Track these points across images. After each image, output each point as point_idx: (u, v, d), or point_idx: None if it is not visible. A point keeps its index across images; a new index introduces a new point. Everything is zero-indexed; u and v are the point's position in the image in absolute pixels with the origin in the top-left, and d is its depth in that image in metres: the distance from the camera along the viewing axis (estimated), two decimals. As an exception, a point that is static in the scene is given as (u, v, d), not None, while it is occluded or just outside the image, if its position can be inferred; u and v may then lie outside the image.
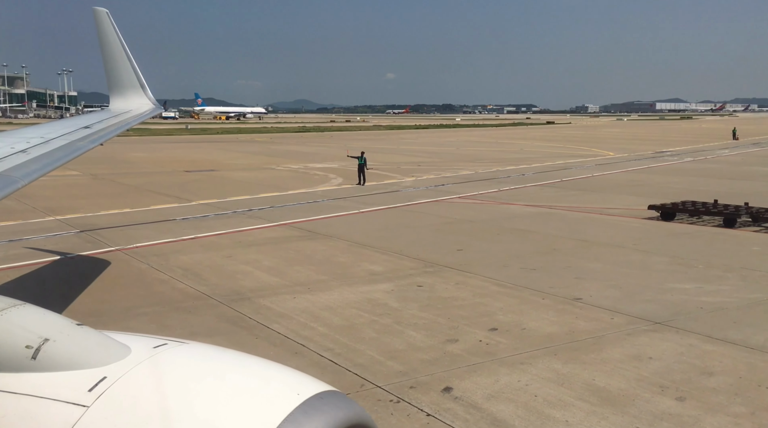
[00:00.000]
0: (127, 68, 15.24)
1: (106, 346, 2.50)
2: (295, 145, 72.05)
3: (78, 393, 2.28)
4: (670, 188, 32.56)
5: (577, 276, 15.24)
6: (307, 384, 2.41)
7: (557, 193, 31.23)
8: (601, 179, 37.71)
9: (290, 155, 56.16)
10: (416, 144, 76.24)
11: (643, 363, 10.00)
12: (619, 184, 34.71)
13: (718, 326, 11.71)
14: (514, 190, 32.26)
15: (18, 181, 6.59)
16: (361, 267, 15.88)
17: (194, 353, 2.60)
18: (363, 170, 34.72)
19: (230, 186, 33.03)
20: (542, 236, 20.10)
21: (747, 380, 9.37)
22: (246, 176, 38.67)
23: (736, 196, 27.46)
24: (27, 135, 8.81)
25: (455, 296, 13.51)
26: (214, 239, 19.06)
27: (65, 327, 2.55)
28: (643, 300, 13.31)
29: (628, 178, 38.12)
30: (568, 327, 11.66)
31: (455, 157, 55.58)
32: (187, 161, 48.82)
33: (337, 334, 11.14)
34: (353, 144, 73.38)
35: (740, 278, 15.08)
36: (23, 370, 2.37)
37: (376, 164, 47.01)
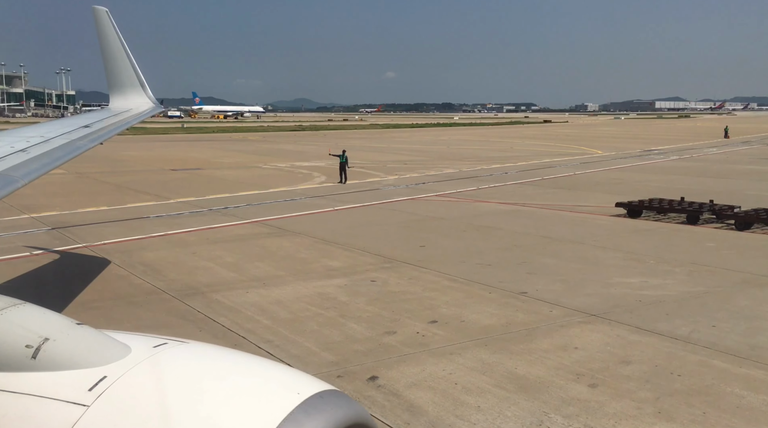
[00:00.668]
0: (126, 67, 15.30)
1: (106, 345, 2.51)
2: (287, 144, 72.46)
3: (78, 393, 2.28)
4: (647, 185, 32.97)
5: (529, 271, 15.66)
6: (308, 384, 2.42)
7: (534, 191, 31.65)
8: (582, 177, 38.12)
9: (279, 154, 56.58)
10: (408, 143, 76.64)
11: (567, 353, 10.43)
12: (598, 182, 35.11)
13: (650, 318, 12.14)
14: (492, 188, 32.67)
15: (18, 180, 6.61)
16: (321, 263, 16.31)
17: (194, 352, 2.61)
18: (344, 169, 35.14)
19: (212, 184, 33.46)
20: (507, 233, 20.52)
21: (662, 368, 9.81)
22: (231, 175, 39.10)
23: (709, 193, 27.92)
24: (27, 134, 8.85)
25: (405, 291, 13.94)
26: (183, 236, 19.50)
27: (65, 326, 2.56)
28: (585, 294, 13.74)
29: (609, 176, 38.53)
30: (506, 320, 12.08)
31: (444, 155, 55.98)
32: (176, 160, 49.24)
33: (280, 326, 11.58)
34: (345, 143, 73.76)
35: (687, 273, 15.50)
36: (23, 369, 2.38)
37: (364, 162, 47.51)
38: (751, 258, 16.88)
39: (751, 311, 12.47)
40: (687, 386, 9.19)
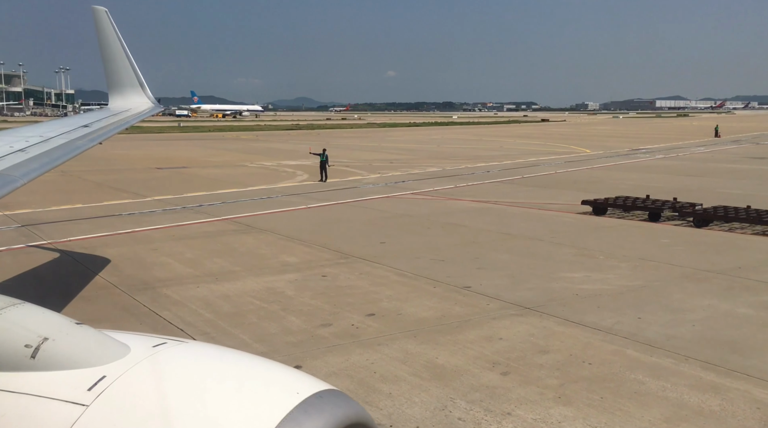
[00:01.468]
0: (126, 67, 15.36)
1: (105, 345, 2.52)
2: (278, 142, 72.87)
3: (77, 392, 2.29)
4: (624, 184, 33.40)
5: (479, 267, 16.11)
6: (307, 383, 2.43)
7: (511, 189, 32.08)
8: (562, 175, 38.53)
9: (268, 153, 57.02)
10: (400, 142, 77.03)
11: (491, 343, 10.89)
12: (576, 180, 35.51)
13: (580, 310, 12.60)
14: (470, 186, 33.09)
15: (17, 180, 6.60)
16: (279, 259, 16.78)
17: (194, 352, 2.62)
18: (325, 167, 35.59)
19: (193, 183, 33.93)
20: (469, 230, 20.97)
21: (575, 357, 10.27)
22: (214, 173, 39.56)
23: (682, 191, 28.45)
24: (26, 134, 8.86)
25: (353, 285, 14.40)
26: (149, 233, 19.97)
27: (64, 325, 2.57)
28: (527, 288, 14.19)
29: (589, 175, 38.93)
30: (442, 313, 12.54)
31: (432, 154, 56.38)
32: (164, 159, 49.70)
33: (220, 320, 12.04)
34: (337, 142, 74.37)
35: (632, 267, 15.95)
36: (22, 369, 2.38)
37: (351, 161, 47.98)
38: (698, 254, 17.33)
39: (680, 304, 12.92)
40: (594, 373, 9.65)
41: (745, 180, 34.67)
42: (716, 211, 21.38)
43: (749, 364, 9.94)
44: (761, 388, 9.10)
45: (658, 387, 9.15)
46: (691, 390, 9.07)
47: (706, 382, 9.33)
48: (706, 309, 12.64)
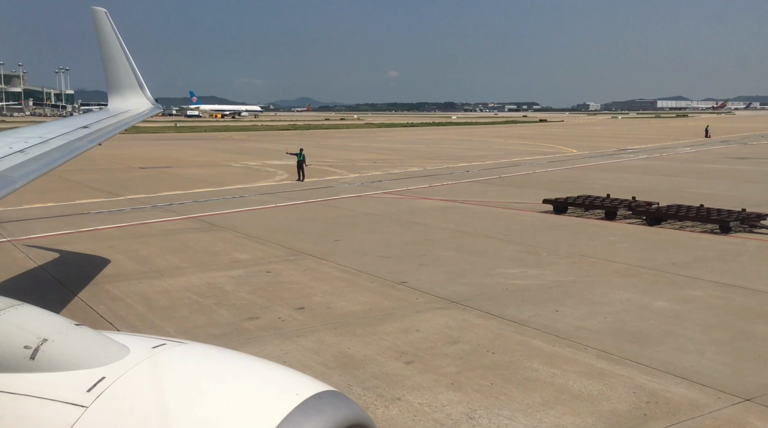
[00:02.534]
0: (125, 68, 15.45)
1: (104, 346, 2.52)
2: (268, 143, 73.37)
3: (77, 394, 2.29)
4: (597, 183, 33.87)
5: (422, 263, 16.61)
6: (307, 384, 2.43)
7: (483, 188, 32.56)
8: (540, 175, 38.98)
9: (256, 153, 57.54)
10: (391, 142, 77.51)
11: (406, 335, 11.40)
12: (551, 180, 35.95)
13: (504, 304, 13.10)
14: (444, 186, 33.58)
15: (16, 181, 6.60)
16: (229, 256, 17.30)
17: (193, 353, 2.62)
18: (302, 167, 36.10)
19: (171, 182, 34.48)
20: (427, 228, 21.46)
21: (482, 347, 10.78)
22: (196, 173, 40.10)
23: (652, 190, 29.07)
24: (25, 135, 8.88)
25: (293, 281, 14.91)
26: (111, 231, 20.51)
27: (64, 327, 2.57)
28: (461, 283, 14.68)
29: (566, 175, 39.36)
30: (370, 307, 13.05)
31: (418, 154, 56.86)
32: (150, 158, 50.26)
33: (152, 313, 12.56)
34: (328, 142, 74.97)
35: (569, 264, 16.44)
36: (22, 370, 2.39)
37: (336, 161, 48.54)
38: (638, 251, 17.81)
39: (600, 298, 13.42)
40: (494, 362, 10.16)
41: (717, 180, 35.10)
42: (668, 210, 21.84)
43: (643, 353, 10.44)
44: (644, 374, 9.60)
45: (548, 374, 9.65)
46: (578, 376, 9.56)
47: (596, 369, 9.82)
48: (624, 303, 13.13)
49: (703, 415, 8.33)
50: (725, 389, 9.08)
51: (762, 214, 20.74)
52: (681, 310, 12.62)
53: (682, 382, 9.35)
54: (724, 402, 8.69)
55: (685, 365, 9.98)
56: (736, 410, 8.47)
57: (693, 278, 14.94)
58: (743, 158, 50.52)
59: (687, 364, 10.01)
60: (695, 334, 11.30)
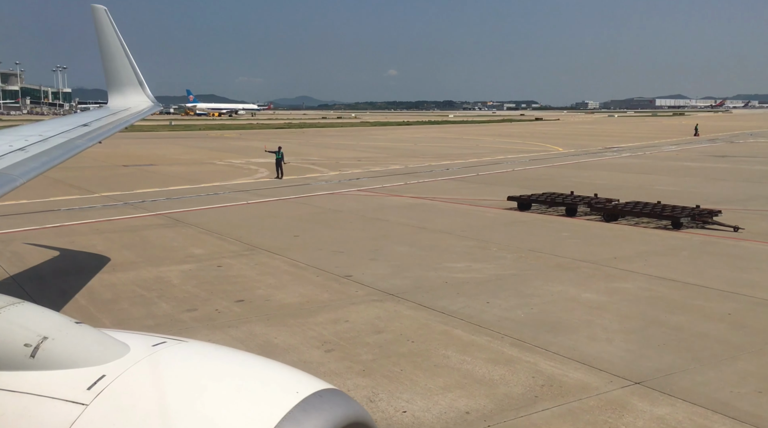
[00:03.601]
0: (125, 66, 15.48)
1: (104, 344, 2.52)
2: (258, 141, 73.58)
3: (77, 392, 2.30)
4: (571, 181, 34.32)
5: (372, 258, 17.07)
6: (307, 383, 2.43)
7: (457, 186, 33.01)
8: (518, 173, 39.43)
9: (242, 151, 57.97)
10: (381, 140, 77.91)
11: (334, 325, 11.86)
12: (527, 178, 36.37)
13: (438, 296, 13.55)
14: (419, 183, 34.03)
15: (16, 179, 6.62)
16: (185, 251, 17.76)
17: (193, 351, 2.63)
18: (281, 165, 36.55)
19: (150, 179, 34.95)
20: (388, 224, 21.92)
21: (404, 336, 11.25)
22: (177, 170, 40.56)
23: (623, 188, 29.59)
24: (25, 133, 8.88)
25: (241, 275, 15.37)
26: (76, 227, 20.98)
27: (64, 325, 2.57)
28: (403, 277, 15.15)
29: (544, 172, 39.79)
30: (308, 299, 13.50)
31: (405, 152, 57.30)
32: (135, 156, 50.72)
33: (93, 306, 13.01)
34: (319, 140, 75.45)
35: (515, 258, 16.90)
36: (22, 368, 2.39)
37: (320, 159, 49.04)
38: (586, 246, 18.29)
39: (534, 291, 13.88)
40: (411, 350, 10.62)
41: (689, 178, 35.57)
42: (625, 206, 22.30)
43: (555, 341, 10.91)
44: (549, 361, 10.07)
45: (458, 361, 10.12)
46: (486, 363, 10.04)
47: (505, 356, 10.30)
48: (554, 295, 13.59)
49: (590, 397, 8.80)
50: (620, 373, 9.55)
51: (714, 210, 21.17)
52: (605, 301, 13.08)
53: (582, 367, 9.81)
54: (614, 386, 9.16)
55: (591, 352, 10.44)
56: (622, 392, 8.94)
57: (629, 271, 15.40)
58: (723, 156, 50.94)
59: (593, 351, 10.47)
60: (611, 324, 11.76)
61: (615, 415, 8.30)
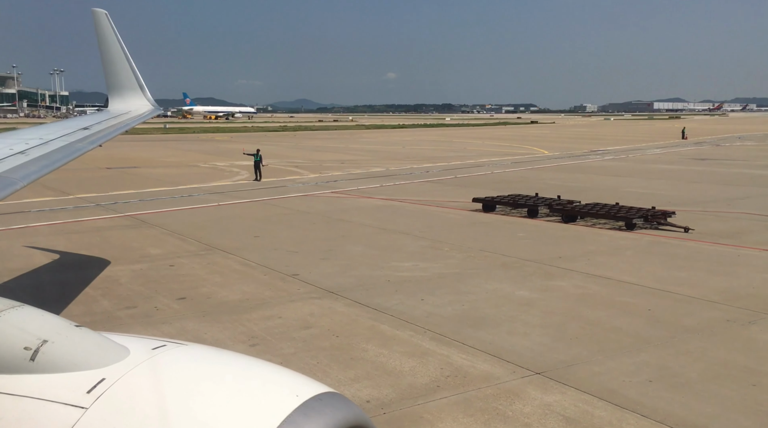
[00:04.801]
0: (126, 70, 15.59)
1: (104, 348, 2.52)
2: (249, 144, 74.07)
3: (77, 395, 2.30)
4: (546, 183, 34.77)
5: (324, 258, 17.49)
6: (306, 386, 2.44)
7: (431, 188, 33.44)
8: (495, 175, 39.85)
9: (229, 153, 58.38)
10: (371, 143, 78.36)
11: (266, 321, 12.27)
12: (503, 180, 36.78)
13: (377, 294, 13.96)
14: (395, 185, 34.44)
15: (17, 182, 6.65)
16: (143, 251, 18.17)
17: (193, 354, 2.63)
18: (259, 167, 36.99)
19: (129, 181, 35.39)
20: (350, 225, 22.34)
21: (330, 331, 11.66)
22: (159, 173, 40.99)
23: (594, 190, 30.15)
24: (26, 136, 8.88)
25: (191, 274, 15.78)
26: (41, 228, 21.40)
27: (64, 328, 2.58)
28: (348, 276, 15.56)
29: (522, 175, 40.21)
30: (249, 296, 13.91)
31: (390, 155, 57.71)
32: (121, 159, 51.10)
33: (36, 303, 13.37)
34: (308, 143, 75.96)
35: (464, 258, 17.32)
36: (22, 372, 2.39)
37: (305, 161, 49.48)
38: (536, 246, 18.71)
39: (470, 288, 14.30)
40: (333, 344, 11.04)
41: (662, 180, 35.99)
42: (583, 208, 22.73)
43: (475, 335, 11.32)
44: (462, 353, 10.49)
45: (375, 354, 10.53)
46: (401, 356, 10.45)
47: (422, 350, 10.71)
48: (489, 292, 14.01)
49: (489, 386, 9.22)
50: (525, 365, 9.97)
51: (668, 212, 21.61)
52: (536, 298, 13.50)
53: (491, 360, 10.23)
54: (516, 376, 9.58)
55: (505, 345, 10.86)
56: (521, 382, 9.37)
57: (569, 270, 15.82)
58: (703, 159, 51.38)
59: (507, 344, 10.89)
60: (533, 319, 12.18)
61: (506, 402, 8.71)
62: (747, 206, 25.76)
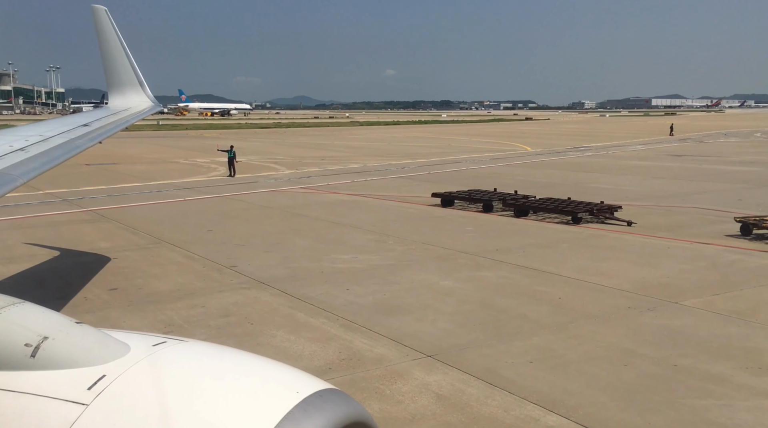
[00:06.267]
0: (125, 66, 15.60)
1: (105, 344, 2.52)
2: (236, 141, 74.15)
3: (77, 392, 2.31)
4: (515, 178, 35.26)
5: (268, 250, 17.94)
6: (307, 383, 2.43)
7: (400, 184, 33.87)
8: (468, 171, 40.31)
9: (212, 150, 58.64)
10: (358, 140, 78.73)
11: (189, 310, 12.72)
12: (475, 176, 37.21)
13: (306, 284, 14.39)
14: (366, 181, 34.90)
15: (17, 179, 6.64)
16: (93, 245, 18.63)
17: (193, 351, 2.64)
18: (233, 163, 37.44)
19: (104, 177, 35.87)
20: (306, 220, 22.79)
21: (246, 319, 12.12)
22: (136, 169, 41.45)
23: (558, 185, 30.68)
24: (26, 133, 8.90)
25: (132, 266, 16.23)
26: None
27: (64, 325, 2.58)
28: (284, 267, 16.01)
29: (494, 171, 40.63)
30: (180, 287, 14.36)
31: (372, 151, 58.11)
32: (103, 155, 51.38)
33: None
34: (296, 140, 76.38)
35: (405, 250, 17.77)
36: (22, 368, 2.40)
37: (284, 158, 49.97)
38: (480, 239, 19.17)
39: (399, 279, 14.75)
40: (245, 331, 11.51)
41: (628, 176, 36.43)
42: (533, 203, 23.22)
43: (384, 322, 11.79)
44: (365, 339, 10.97)
45: (282, 340, 11.00)
46: (307, 341, 10.91)
47: (328, 335, 11.18)
48: (414, 282, 14.47)
49: (378, 368, 9.69)
50: (420, 349, 10.44)
51: (614, 206, 22.07)
52: (457, 288, 13.96)
53: (390, 344, 10.70)
54: (407, 359, 10.05)
55: (409, 331, 11.33)
56: (410, 364, 9.84)
57: (500, 261, 16.28)
58: (680, 155, 51.83)
59: (411, 330, 11.36)
60: (446, 307, 12.65)
61: (388, 383, 9.18)
62: (700, 201, 26.23)
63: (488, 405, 8.45)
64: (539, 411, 8.24)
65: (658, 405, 8.34)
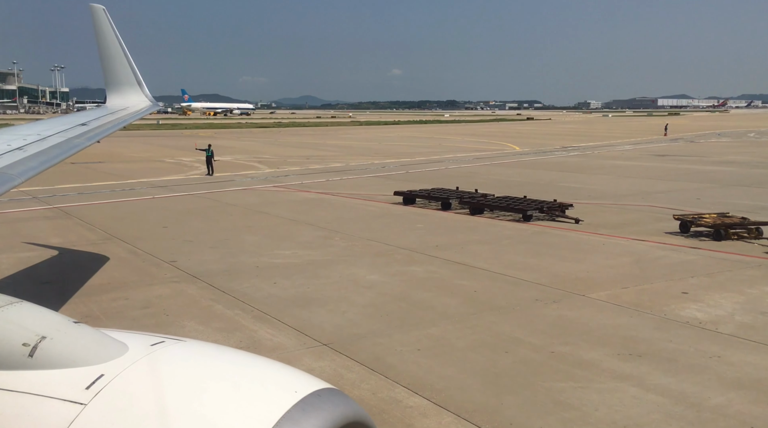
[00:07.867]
0: (124, 65, 15.64)
1: (103, 344, 2.53)
2: (229, 140, 74.98)
3: (75, 391, 2.31)
4: (489, 177, 35.59)
5: (214, 246, 18.32)
6: (305, 382, 2.45)
7: (373, 182, 34.21)
8: (447, 171, 40.62)
9: (200, 150, 59.25)
10: (351, 139, 79.09)
11: (112, 302, 13.09)
12: (452, 175, 37.48)
13: (238, 278, 14.75)
14: (341, 180, 35.27)
15: (15, 178, 6.65)
16: (45, 240, 19.05)
17: (192, 350, 2.64)
18: (211, 162, 37.88)
19: (83, 176, 36.31)
20: (266, 217, 23.17)
21: (164, 310, 12.50)
22: (120, 167, 41.94)
23: (530, 184, 30.99)
24: (24, 133, 8.90)
25: (74, 261, 16.68)
26: (-41, 219, 22.36)
27: (62, 324, 2.59)
28: (223, 263, 16.37)
29: (473, 170, 40.90)
30: (114, 281, 14.72)
31: (360, 151, 58.45)
32: (91, 154, 51.42)
33: None
34: (293, 139, 76.87)
35: (346, 247, 18.12)
36: (20, 368, 2.40)
37: (269, 157, 50.38)
38: (427, 236, 19.47)
39: (328, 273, 15.09)
40: (157, 322, 11.89)
41: (602, 176, 36.67)
42: (487, 201, 23.55)
43: (296, 314, 12.14)
44: (271, 329, 11.32)
45: (190, 330, 11.36)
46: (214, 331, 11.29)
47: (236, 325, 11.55)
48: (342, 276, 14.82)
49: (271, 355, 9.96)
50: (319, 338, 10.80)
51: (565, 204, 22.38)
52: (381, 282, 14.30)
53: (293, 333, 11.07)
54: (304, 347, 10.42)
55: (315, 322, 11.69)
56: (304, 352, 10.21)
57: (434, 256, 16.61)
58: (663, 155, 51.99)
59: (318, 321, 11.72)
60: (362, 300, 12.99)
61: (273, 371, 9.52)
62: (660, 199, 26.48)
63: (359, 388, 8.80)
64: (405, 393, 8.59)
65: (518, 387, 8.68)
